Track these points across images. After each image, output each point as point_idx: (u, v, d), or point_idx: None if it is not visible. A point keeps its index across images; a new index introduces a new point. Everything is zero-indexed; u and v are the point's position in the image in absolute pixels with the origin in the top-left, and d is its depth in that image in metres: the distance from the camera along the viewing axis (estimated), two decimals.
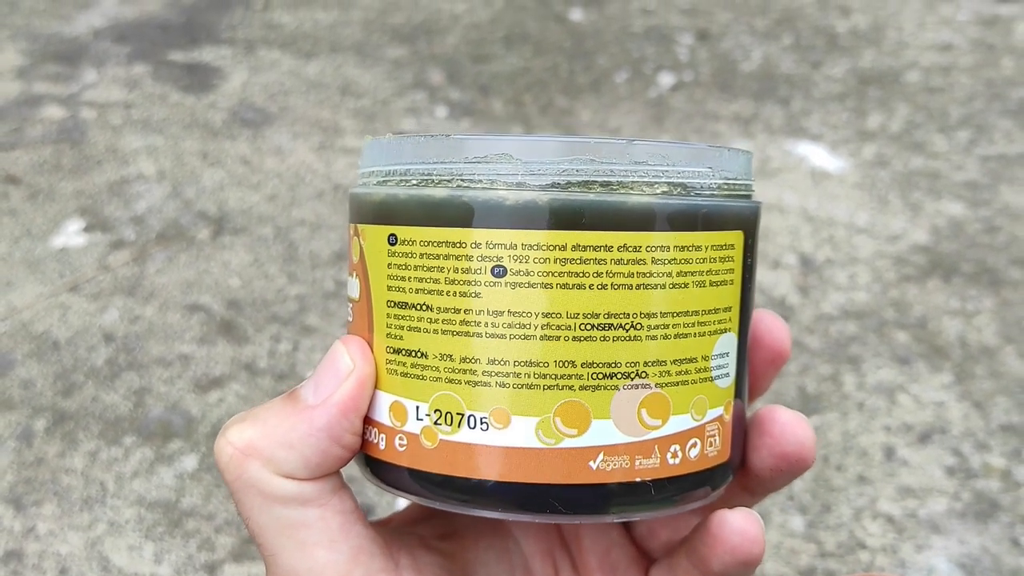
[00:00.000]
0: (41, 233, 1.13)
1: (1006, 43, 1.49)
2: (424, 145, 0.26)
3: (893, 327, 0.96)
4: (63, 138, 1.32)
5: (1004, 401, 0.87)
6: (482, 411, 0.25)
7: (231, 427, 0.27)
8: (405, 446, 0.26)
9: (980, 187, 1.18)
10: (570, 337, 0.25)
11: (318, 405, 0.26)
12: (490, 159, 0.25)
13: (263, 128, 1.34)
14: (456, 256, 0.25)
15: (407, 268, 0.26)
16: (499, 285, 0.25)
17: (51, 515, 0.79)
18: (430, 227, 0.25)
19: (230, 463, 0.27)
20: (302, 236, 1.12)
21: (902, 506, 0.77)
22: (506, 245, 0.25)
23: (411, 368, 0.26)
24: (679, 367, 0.26)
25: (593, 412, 0.25)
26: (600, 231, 0.24)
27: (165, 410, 0.89)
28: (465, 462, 0.25)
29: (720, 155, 0.27)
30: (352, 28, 1.63)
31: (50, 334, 0.97)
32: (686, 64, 1.50)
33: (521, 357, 0.25)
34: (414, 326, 0.26)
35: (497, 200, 0.25)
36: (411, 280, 0.26)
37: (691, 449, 0.26)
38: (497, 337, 0.25)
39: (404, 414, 0.26)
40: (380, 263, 0.27)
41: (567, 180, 0.25)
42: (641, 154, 0.25)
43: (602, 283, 0.25)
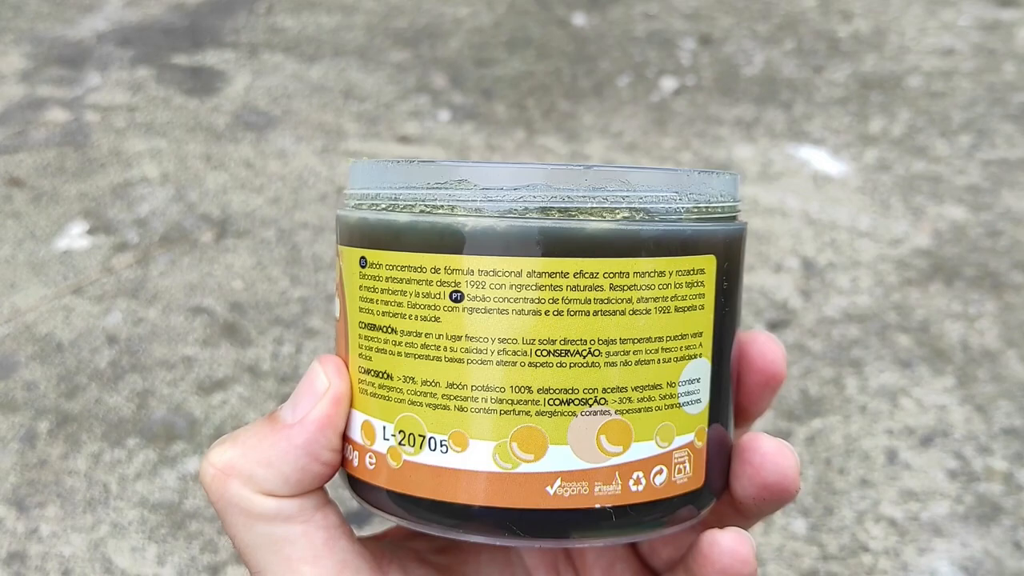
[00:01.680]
0: (45, 235, 1.13)
1: (1007, 48, 1.49)
2: (392, 170, 0.27)
3: (895, 330, 0.96)
4: (67, 141, 1.32)
5: (1006, 404, 0.87)
6: (442, 434, 0.25)
7: (213, 449, 0.28)
8: (375, 464, 0.27)
9: (982, 191, 1.18)
10: (526, 363, 0.25)
11: (296, 423, 0.27)
12: (450, 185, 0.25)
13: (266, 131, 1.35)
14: (418, 280, 0.25)
15: (375, 291, 0.26)
16: (457, 310, 0.25)
17: (54, 517, 0.79)
18: (395, 251, 0.26)
19: (212, 483, 0.27)
20: (305, 239, 1.12)
21: (904, 509, 0.77)
22: (463, 271, 0.25)
23: (379, 388, 0.26)
24: (641, 394, 0.25)
25: (550, 438, 0.25)
26: (556, 258, 0.24)
27: (168, 412, 0.89)
28: (426, 483, 0.26)
29: (690, 178, 0.26)
30: (355, 32, 1.63)
31: (53, 336, 0.98)
32: (688, 68, 1.50)
33: (478, 382, 0.25)
34: (381, 347, 0.26)
35: (456, 226, 0.25)
36: (378, 303, 0.26)
37: (656, 476, 0.26)
38: (455, 361, 0.25)
39: (373, 433, 0.27)
40: (353, 285, 0.27)
41: (524, 206, 0.25)
42: (600, 180, 0.25)
43: (558, 309, 0.25)
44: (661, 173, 0.26)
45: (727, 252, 0.27)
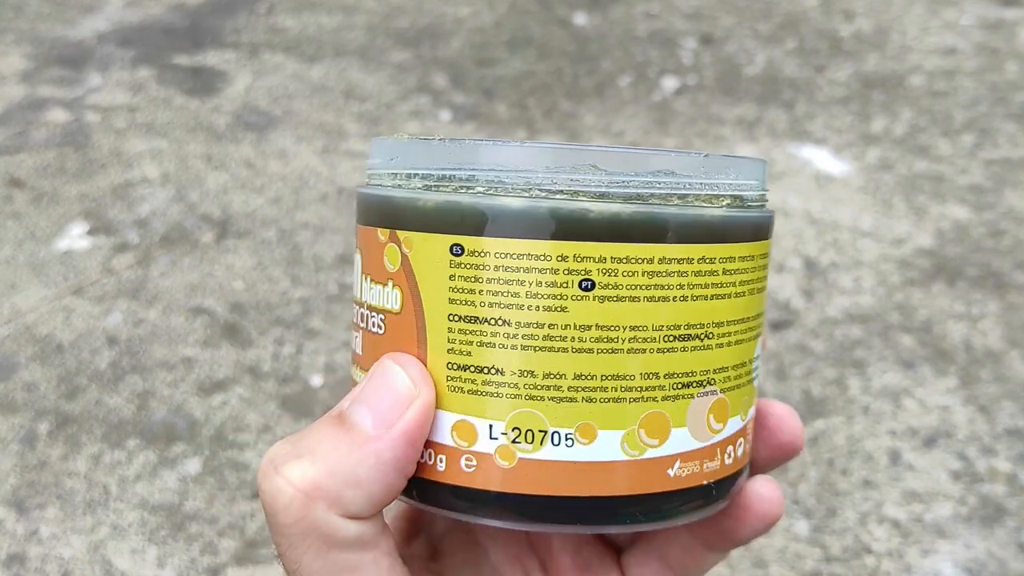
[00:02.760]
0: (45, 236, 1.13)
1: (1010, 47, 1.48)
2: (493, 150, 0.25)
3: (898, 331, 0.96)
4: (67, 141, 1.32)
5: (1010, 405, 0.87)
6: (567, 427, 0.25)
7: (287, 464, 0.24)
8: (475, 466, 0.25)
9: (984, 191, 1.18)
10: (655, 349, 0.25)
11: (382, 435, 0.24)
12: (575, 168, 0.24)
13: (267, 131, 1.35)
14: (540, 269, 0.24)
15: (478, 281, 0.25)
16: (587, 299, 0.24)
17: (54, 518, 0.79)
18: (507, 238, 0.24)
19: (292, 505, 0.24)
20: (306, 239, 1.12)
21: (908, 510, 0.77)
22: (595, 259, 0.24)
23: (482, 385, 0.25)
24: (736, 372, 0.26)
25: (672, 421, 0.25)
26: (684, 244, 0.25)
27: (168, 413, 0.88)
28: (548, 480, 0.25)
29: (760, 167, 0.27)
30: (356, 32, 1.63)
31: (54, 337, 0.97)
32: (690, 68, 1.50)
33: (608, 371, 0.25)
34: (487, 341, 0.25)
35: (582, 212, 0.24)
36: (483, 293, 0.25)
37: (739, 448, 0.27)
38: (584, 352, 0.24)
39: (474, 433, 0.25)
40: (438, 274, 0.25)
41: (650, 192, 0.25)
42: (714, 167, 0.26)
43: (683, 295, 0.25)
44: (748, 162, 0.27)
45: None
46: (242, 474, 0.82)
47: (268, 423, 0.87)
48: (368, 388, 0.25)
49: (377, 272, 0.27)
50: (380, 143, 0.28)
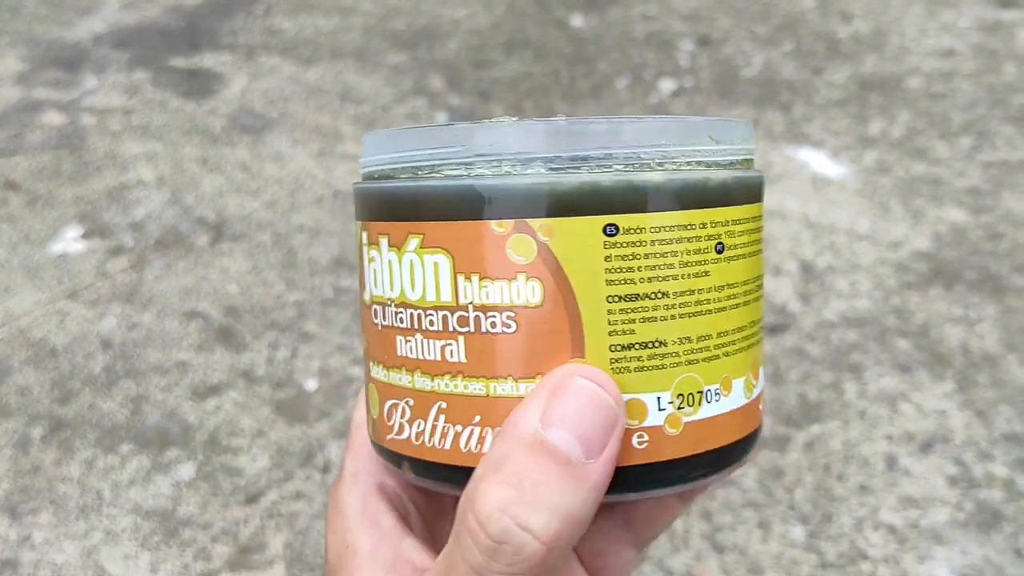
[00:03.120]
0: (40, 239, 1.13)
1: (1008, 49, 1.48)
2: (624, 127, 0.25)
3: (895, 335, 0.96)
4: (63, 144, 1.32)
5: (1007, 410, 0.86)
6: (715, 383, 0.26)
7: (527, 515, 0.23)
8: (645, 442, 0.25)
9: (982, 193, 1.17)
10: (752, 300, 0.28)
11: (595, 467, 0.23)
12: (696, 140, 0.26)
13: (263, 134, 1.34)
14: (688, 238, 0.25)
15: (636, 258, 0.25)
16: (721, 261, 0.26)
17: (47, 524, 0.78)
18: (659, 212, 0.25)
19: (534, 557, 0.23)
20: (301, 242, 1.12)
21: (904, 516, 0.77)
22: (723, 222, 0.26)
23: (648, 360, 0.25)
24: (759, 326, 0.29)
25: (760, 362, 0.29)
26: (758, 203, 0.28)
27: (162, 418, 0.88)
28: (707, 437, 0.26)
29: (749, 128, 0.30)
30: (353, 34, 1.63)
31: (48, 341, 0.97)
32: (687, 70, 1.50)
33: (736, 324, 0.27)
34: (649, 316, 0.25)
35: (704, 181, 0.26)
36: (642, 270, 0.25)
37: (762, 403, 0.30)
38: (721, 311, 0.26)
39: (643, 410, 0.25)
40: (590, 258, 0.25)
41: (741, 158, 0.28)
42: (751, 134, 0.29)
43: (756, 250, 0.28)
44: (743, 125, 0.28)
45: None
46: (236, 479, 0.82)
47: (262, 428, 0.87)
48: (566, 410, 0.24)
49: (492, 268, 0.25)
50: (465, 130, 0.26)
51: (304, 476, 0.82)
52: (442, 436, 0.26)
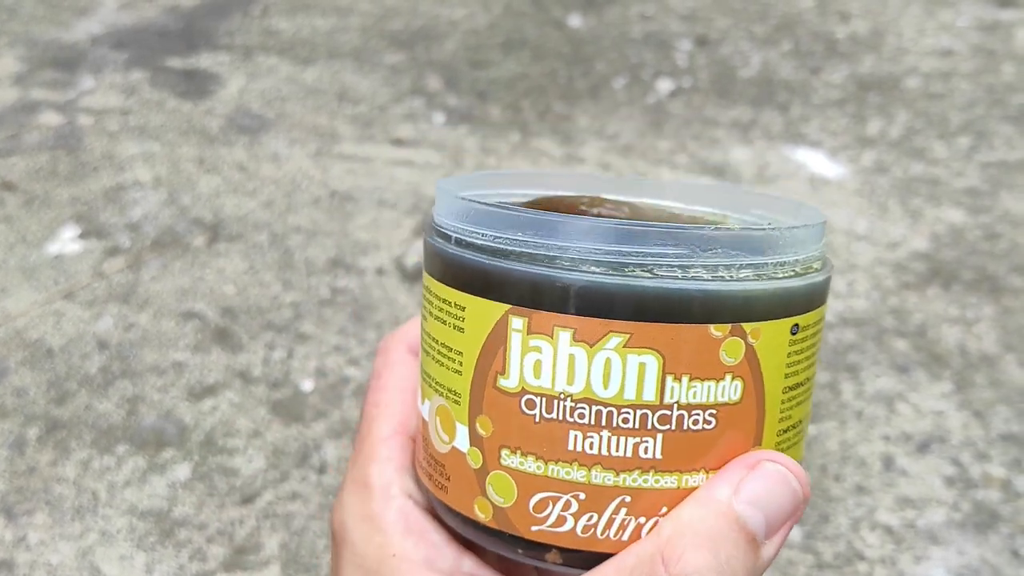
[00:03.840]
0: (36, 240, 1.12)
1: (1007, 48, 1.48)
2: (797, 234, 0.27)
3: (892, 335, 0.96)
4: (60, 144, 1.32)
5: (1004, 410, 0.86)
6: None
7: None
8: None
9: (980, 194, 1.17)
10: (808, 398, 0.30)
11: (767, 544, 0.25)
12: (820, 240, 0.29)
13: (260, 134, 1.34)
14: (815, 332, 0.28)
15: (801, 352, 0.28)
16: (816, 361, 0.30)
17: (42, 524, 0.78)
18: (813, 311, 0.28)
19: None
20: (297, 243, 1.11)
21: (901, 516, 0.77)
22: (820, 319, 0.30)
23: (794, 437, 0.29)
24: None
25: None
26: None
27: (158, 418, 0.88)
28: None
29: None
30: (350, 34, 1.62)
31: (44, 341, 0.97)
32: (685, 70, 1.49)
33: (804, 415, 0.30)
34: (800, 401, 0.28)
35: (827, 280, 0.29)
36: (802, 362, 0.28)
37: None
38: (808, 399, 0.30)
39: None
40: (779, 356, 0.27)
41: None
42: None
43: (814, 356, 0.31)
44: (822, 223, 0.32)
45: None
46: (232, 480, 0.82)
47: (258, 428, 0.87)
48: (759, 489, 0.25)
49: (704, 369, 0.26)
50: (681, 231, 0.26)
51: (300, 477, 0.82)
52: (620, 528, 0.26)
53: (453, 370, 0.28)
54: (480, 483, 0.28)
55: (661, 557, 0.24)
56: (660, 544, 0.24)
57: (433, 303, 0.29)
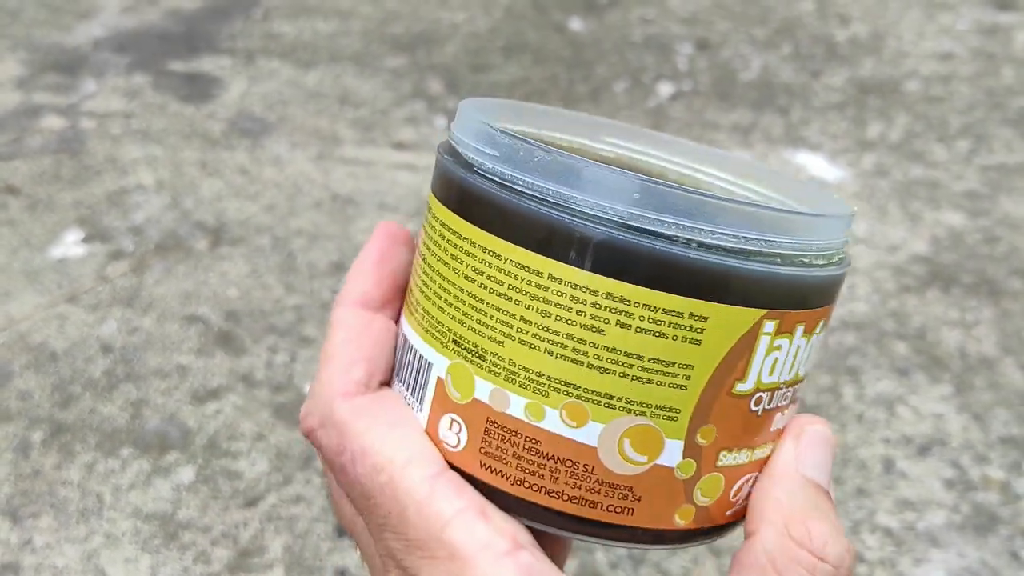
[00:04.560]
0: (40, 243, 1.13)
1: (1006, 52, 1.49)
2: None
3: (892, 338, 0.96)
4: (62, 148, 1.32)
5: (1004, 413, 0.87)
6: None
7: (843, 540, 0.27)
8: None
9: (980, 197, 1.18)
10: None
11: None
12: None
13: (262, 138, 1.35)
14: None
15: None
16: None
17: (48, 528, 0.79)
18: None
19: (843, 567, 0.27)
20: (300, 246, 1.12)
21: (901, 519, 0.77)
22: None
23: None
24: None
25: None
26: None
27: (162, 422, 0.88)
28: None
29: None
30: (351, 38, 1.63)
31: (48, 345, 0.97)
32: (685, 73, 1.50)
33: None
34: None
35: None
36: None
37: None
38: None
39: None
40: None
41: None
42: None
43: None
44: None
45: None
46: (235, 483, 0.82)
47: (262, 431, 0.87)
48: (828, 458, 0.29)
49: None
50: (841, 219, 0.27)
51: (304, 480, 0.82)
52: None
53: (671, 385, 0.26)
54: (687, 491, 0.27)
55: (794, 542, 0.27)
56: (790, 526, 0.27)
57: (635, 315, 0.25)
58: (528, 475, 0.26)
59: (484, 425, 0.27)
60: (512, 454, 0.26)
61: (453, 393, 0.27)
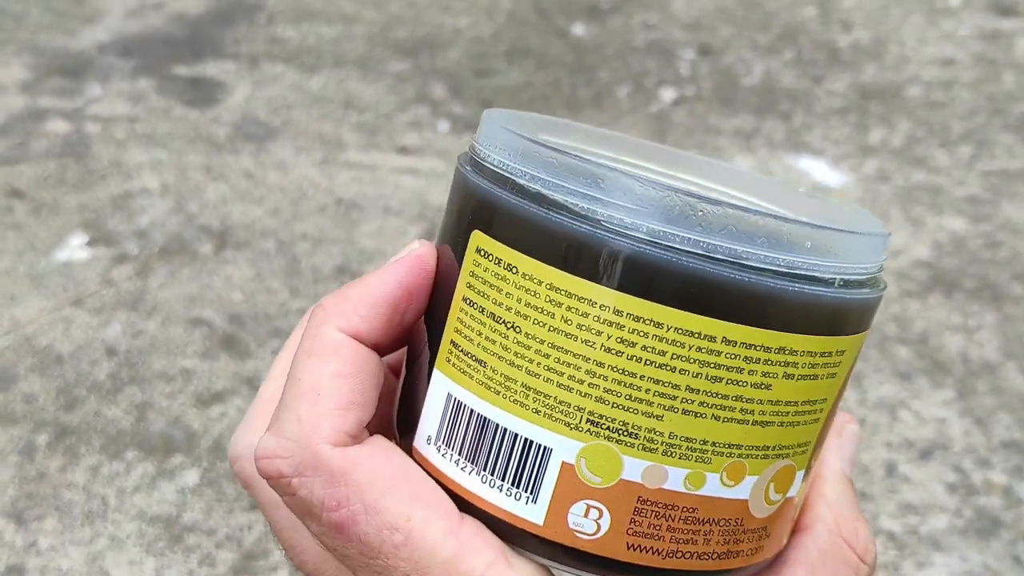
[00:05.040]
0: (45, 247, 1.13)
1: (1008, 58, 1.49)
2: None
3: (894, 342, 0.96)
4: (67, 152, 1.33)
5: (1006, 417, 0.87)
6: None
7: (871, 538, 0.29)
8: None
9: (981, 202, 1.18)
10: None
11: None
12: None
13: (266, 142, 1.35)
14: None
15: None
16: None
17: (52, 530, 0.79)
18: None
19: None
20: (304, 250, 1.12)
21: (903, 523, 0.77)
22: None
23: None
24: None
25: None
26: None
27: (167, 425, 0.89)
28: None
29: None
30: (355, 42, 1.63)
31: (53, 348, 0.98)
32: (688, 79, 1.50)
33: None
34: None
35: None
36: None
37: None
38: None
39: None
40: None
41: None
42: None
43: None
44: None
45: None
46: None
47: None
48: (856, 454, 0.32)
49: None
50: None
51: None
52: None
53: (811, 422, 0.26)
54: (795, 510, 0.28)
55: (844, 541, 0.28)
56: (841, 527, 0.28)
57: (799, 364, 0.24)
58: (681, 545, 0.25)
59: (634, 506, 0.24)
60: (666, 528, 0.25)
61: (590, 478, 0.24)
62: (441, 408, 0.26)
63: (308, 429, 0.25)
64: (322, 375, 0.26)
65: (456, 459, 0.26)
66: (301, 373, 0.26)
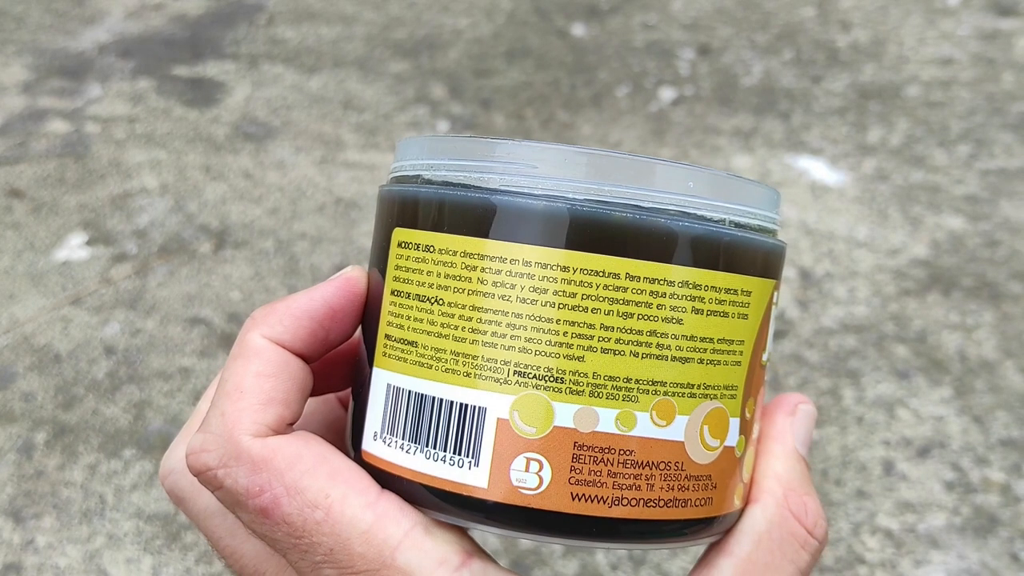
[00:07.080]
0: (44, 246, 1.14)
1: (1007, 57, 1.49)
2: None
3: (892, 341, 0.96)
4: (67, 152, 1.33)
5: (1004, 415, 0.87)
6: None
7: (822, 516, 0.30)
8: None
9: (980, 201, 1.18)
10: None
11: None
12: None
13: (265, 142, 1.35)
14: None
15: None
16: None
17: (50, 528, 0.79)
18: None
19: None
20: (303, 250, 1.12)
21: (901, 521, 0.77)
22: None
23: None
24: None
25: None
26: None
27: (165, 423, 0.89)
28: None
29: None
30: (355, 43, 1.64)
31: (51, 347, 0.98)
32: (687, 79, 1.50)
33: None
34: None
35: None
36: None
37: None
38: None
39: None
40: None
41: None
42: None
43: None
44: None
45: None
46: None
47: None
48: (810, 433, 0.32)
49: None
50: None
51: None
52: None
53: (732, 363, 0.27)
54: (740, 470, 0.28)
55: (791, 514, 0.28)
56: (790, 500, 0.29)
57: (705, 299, 0.26)
58: (625, 491, 0.25)
59: (571, 452, 0.25)
60: (607, 473, 0.25)
61: (524, 430, 0.25)
62: (382, 401, 0.27)
63: (231, 423, 0.27)
64: (245, 375, 0.27)
65: (400, 443, 0.26)
66: (227, 375, 0.28)
